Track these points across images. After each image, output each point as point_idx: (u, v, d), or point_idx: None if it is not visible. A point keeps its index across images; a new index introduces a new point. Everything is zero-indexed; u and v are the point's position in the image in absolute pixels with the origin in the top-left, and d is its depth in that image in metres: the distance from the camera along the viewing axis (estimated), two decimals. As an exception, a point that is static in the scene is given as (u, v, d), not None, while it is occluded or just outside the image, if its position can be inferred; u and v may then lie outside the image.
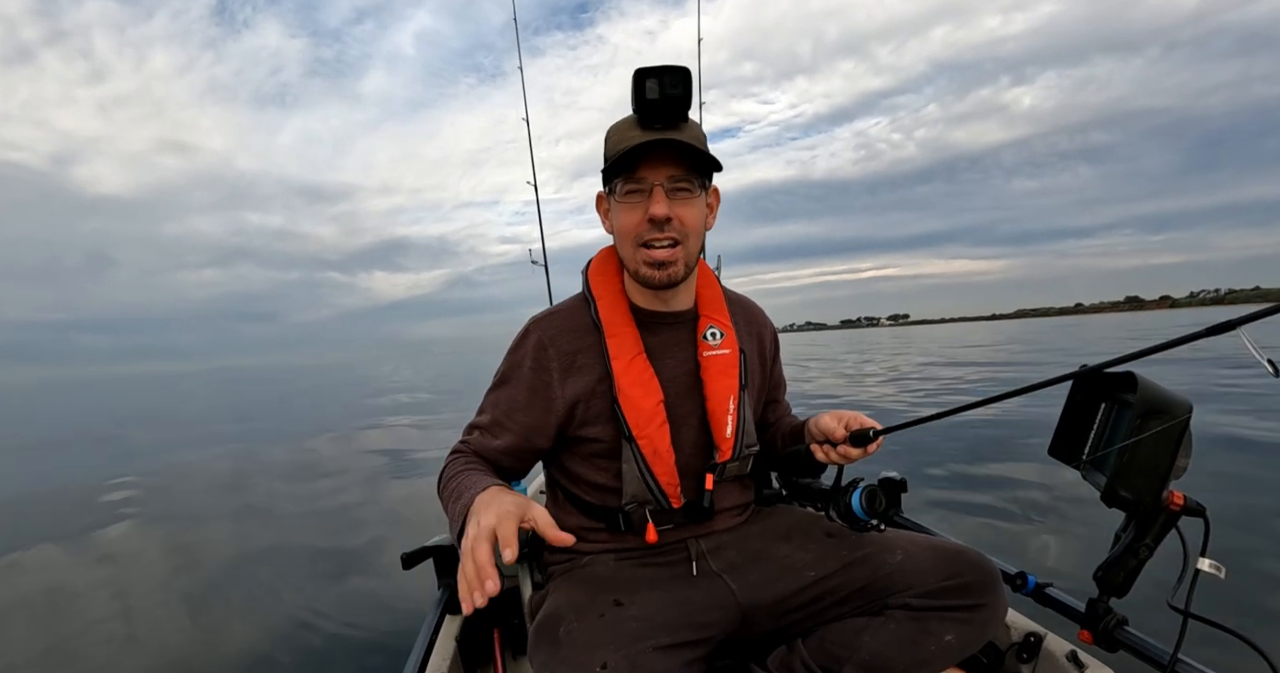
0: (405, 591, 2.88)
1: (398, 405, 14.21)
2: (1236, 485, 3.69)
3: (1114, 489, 0.77)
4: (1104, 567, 0.85)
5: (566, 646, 0.81)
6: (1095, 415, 0.89)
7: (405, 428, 9.73)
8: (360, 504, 4.89)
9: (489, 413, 1.01)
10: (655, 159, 0.90)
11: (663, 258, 0.92)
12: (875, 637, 0.88)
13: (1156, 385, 0.77)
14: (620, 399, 0.95)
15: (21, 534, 4.52)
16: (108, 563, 3.87)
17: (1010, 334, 41.17)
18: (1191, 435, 0.75)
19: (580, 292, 1.05)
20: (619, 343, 0.97)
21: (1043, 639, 1.08)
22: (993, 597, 0.89)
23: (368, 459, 6.88)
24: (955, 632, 0.87)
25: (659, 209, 0.89)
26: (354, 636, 2.55)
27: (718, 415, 1.00)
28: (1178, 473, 0.76)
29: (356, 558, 3.57)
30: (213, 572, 3.52)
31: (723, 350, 1.02)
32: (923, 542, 0.95)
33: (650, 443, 0.95)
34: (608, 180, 0.95)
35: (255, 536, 4.19)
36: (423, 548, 1.31)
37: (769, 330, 1.17)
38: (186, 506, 5.37)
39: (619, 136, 0.92)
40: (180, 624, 2.87)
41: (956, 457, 4.86)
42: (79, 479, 6.86)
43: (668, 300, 1.02)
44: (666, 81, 0.86)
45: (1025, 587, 1.08)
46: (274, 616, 2.82)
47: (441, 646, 1.20)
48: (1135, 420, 0.74)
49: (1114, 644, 0.88)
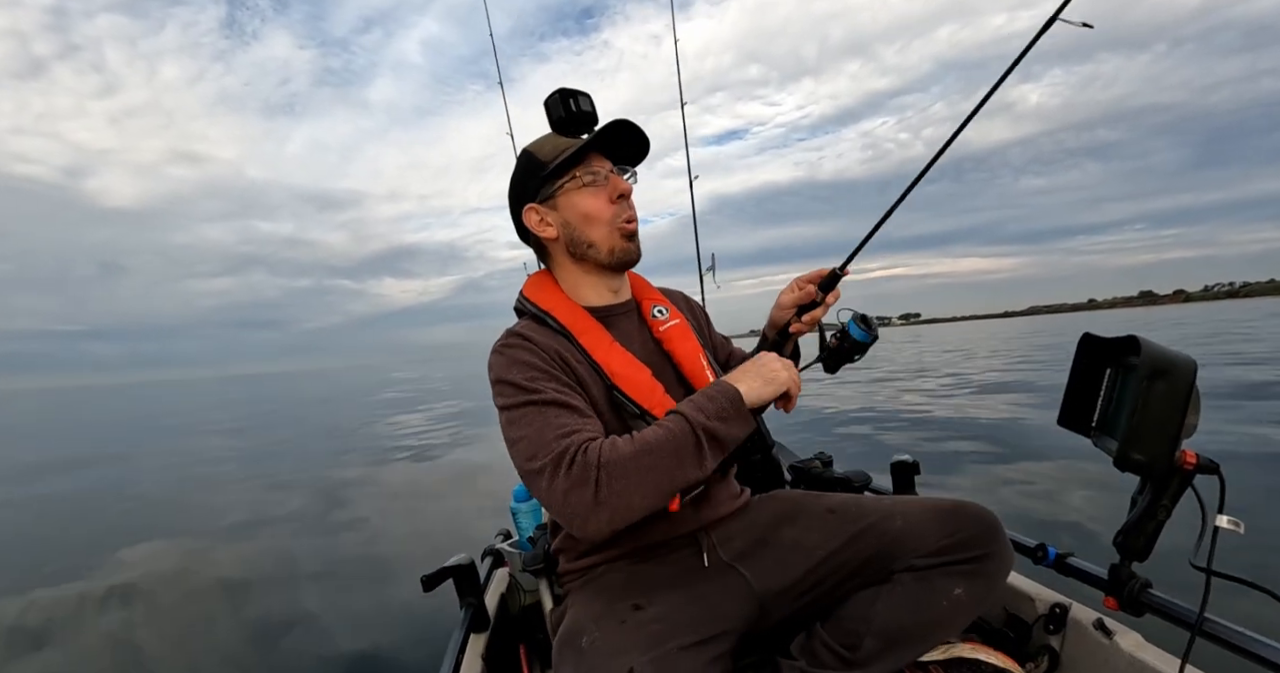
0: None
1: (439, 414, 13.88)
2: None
3: (1126, 453, 0.77)
4: (1123, 532, 0.85)
5: (591, 655, 0.80)
6: (1101, 382, 0.90)
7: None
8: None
9: (554, 401, 0.86)
10: (598, 154, 1.02)
11: (635, 229, 1.03)
12: (887, 604, 0.88)
13: (1159, 346, 0.77)
14: (619, 383, 0.96)
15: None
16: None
17: (1031, 327, 41.05)
18: (1199, 393, 0.75)
19: (522, 321, 1.04)
20: (591, 338, 1.00)
21: (1068, 609, 1.08)
22: (996, 546, 0.89)
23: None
24: (963, 585, 0.87)
25: (625, 185, 1.02)
26: (379, 657, 2.53)
27: (696, 373, 1.05)
28: (1188, 432, 0.76)
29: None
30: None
31: (673, 321, 1.11)
32: (921, 503, 0.96)
33: (663, 410, 0.93)
34: (550, 181, 1.00)
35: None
36: (442, 569, 1.30)
37: (696, 305, 1.29)
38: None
39: (554, 145, 1.01)
40: (198, 637, 2.84)
41: (967, 442, 4.88)
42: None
43: (618, 290, 1.09)
44: (583, 101, 1.02)
45: (1046, 558, 1.08)
46: (309, 636, 2.80)
47: (469, 664, 1.19)
48: (1141, 383, 0.75)
49: (1140, 608, 0.88)
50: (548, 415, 0.85)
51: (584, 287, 1.06)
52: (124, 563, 4.32)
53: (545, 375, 0.90)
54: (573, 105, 1.01)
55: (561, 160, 0.98)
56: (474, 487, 5.85)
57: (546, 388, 0.87)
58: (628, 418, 0.95)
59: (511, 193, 1.06)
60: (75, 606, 3.62)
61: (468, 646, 1.25)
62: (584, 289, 1.06)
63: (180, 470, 8.43)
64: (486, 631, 1.32)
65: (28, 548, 5.04)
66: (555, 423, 0.84)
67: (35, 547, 5.05)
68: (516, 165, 1.06)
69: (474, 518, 4.68)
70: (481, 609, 1.34)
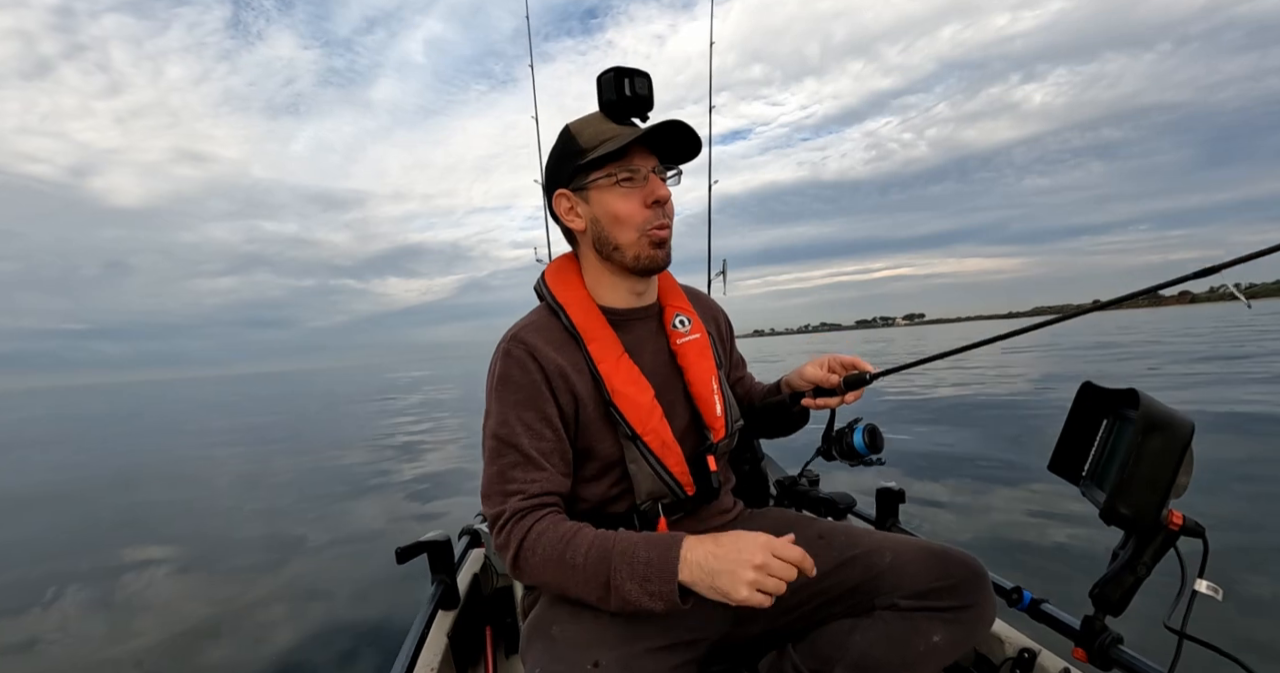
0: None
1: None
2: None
3: (1113, 506, 0.77)
4: (1100, 584, 0.84)
5: (560, 645, 0.81)
6: (1097, 431, 0.89)
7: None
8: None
9: (515, 446, 0.90)
10: (642, 151, 0.94)
11: (666, 237, 0.96)
12: (864, 637, 0.88)
13: (1159, 403, 0.76)
14: (616, 400, 0.94)
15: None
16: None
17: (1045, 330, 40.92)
18: (1193, 454, 0.74)
19: (542, 303, 1.03)
20: (600, 346, 0.96)
21: (1037, 655, 1.07)
22: (981, 597, 0.89)
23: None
24: (943, 632, 0.87)
25: (664, 190, 0.95)
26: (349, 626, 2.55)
27: (704, 397, 1.02)
28: (1178, 491, 0.76)
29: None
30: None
31: (693, 335, 1.06)
32: (912, 543, 0.96)
33: (656, 436, 0.94)
34: (585, 172, 0.94)
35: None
36: (417, 543, 1.31)
37: (722, 315, 1.23)
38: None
39: (595, 130, 0.94)
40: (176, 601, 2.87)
41: (959, 470, 4.85)
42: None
43: (641, 294, 1.03)
44: (639, 83, 0.92)
45: (1021, 602, 1.08)
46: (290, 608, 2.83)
47: (434, 640, 1.20)
48: (1136, 437, 0.74)
49: (1108, 663, 0.88)
50: (505, 461, 0.89)
51: (605, 285, 1.02)
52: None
53: (527, 413, 0.91)
54: (626, 88, 0.92)
55: (600, 154, 0.92)
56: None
57: (519, 435, 0.90)
58: (620, 436, 0.95)
59: (547, 170, 1.02)
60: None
61: (434, 622, 1.26)
62: (605, 288, 1.02)
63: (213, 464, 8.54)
64: (455, 609, 1.33)
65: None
66: (509, 475, 0.89)
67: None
68: (556, 141, 0.99)
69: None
70: (452, 587, 1.35)
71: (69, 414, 24.36)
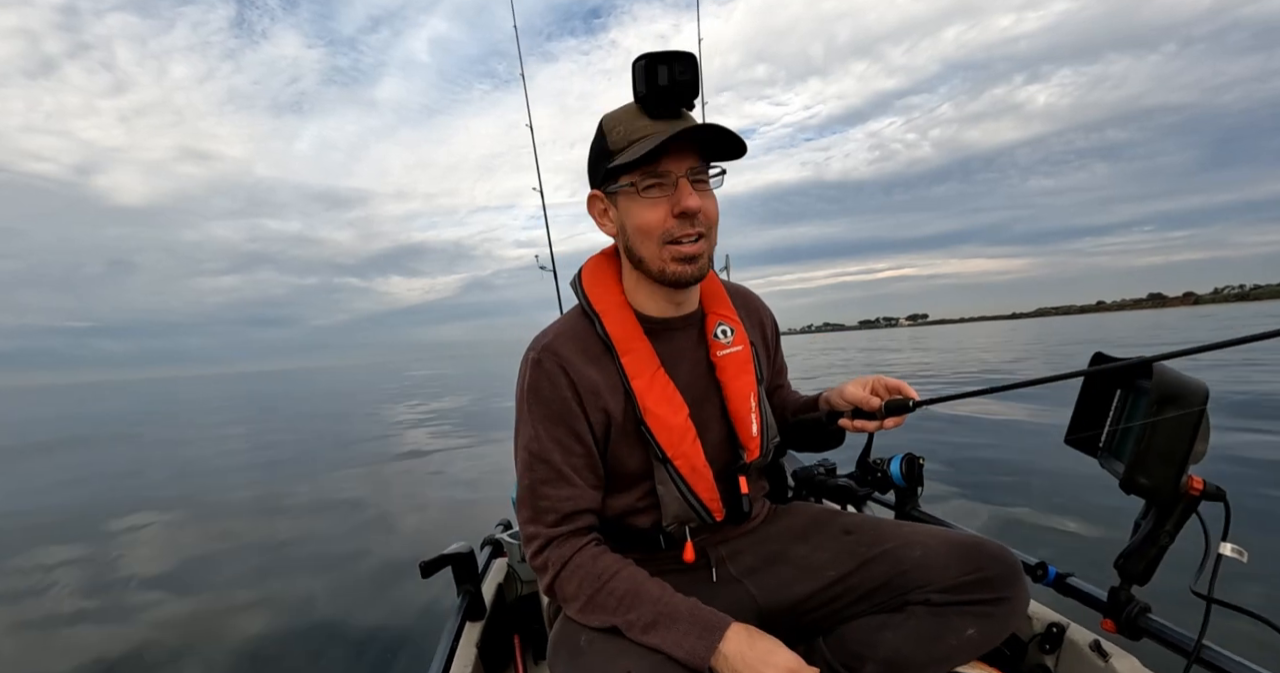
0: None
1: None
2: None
3: (1132, 476, 0.77)
4: (1124, 555, 0.84)
5: (588, 654, 0.80)
6: (1111, 403, 0.89)
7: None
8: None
9: (547, 462, 0.89)
10: (676, 150, 0.84)
11: (692, 252, 0.87)
12: (896, 634, 0.87)
13: (1173, 371, 0.76)
14: (648, 420, 0.90)
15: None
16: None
17: (1049, 330, 40.45)
18: (1209, 420, 0.75)
19: (576, 305, 0.99)
20: (634, 359, 0.92)
21: (1065, 630, 1.07)
22: (1015, 590, 0.88)
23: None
24: (977, 626, 0.85)
25: (693, 201, 0.84)
26: (378, 638, 2.57)
27: (741, 415, 0.97)
28: (1196, 458, 0.76)
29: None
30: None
31: (735, 347, 1.00)
32: (941, 536, 0.93)
33: (687, 461, 0.92)
34: (613, 176, 0.88)
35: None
36: (441, 556, 1.32)
37: (769, 318, 1.15)
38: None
39: (626, 128, 0.85)
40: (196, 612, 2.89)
41: (973, 451, 4.83)
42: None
43: (680, 303, 0.97)
44: (676, 68, 0.81)
45: (1046, 577, 1.08)
46: (302, 617, 2.84)
47: (463, 652, 1.21)
48: (1152, 407, 0.74)
49: (1137, 633, 0.88)
50: (536, 476, 0.89)
51: (643, 293, 0.96)
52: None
53: (557, 428, 0.89)
54: (661, 76, 0.81)
55: (626, 160, 0.84)
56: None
57: (551, 451, 0.89)
58: (650, 456, 0.93)
59: (589, 164, 0.95)
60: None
61: (463, 633, 1.27)
62: (643, 295, 0.96)
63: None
64: (482, 619, 1.34)
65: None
66: (540, 491, 0.88)
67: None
68: (595, 136, 0.91)
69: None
70: (478, 597, 1.36)
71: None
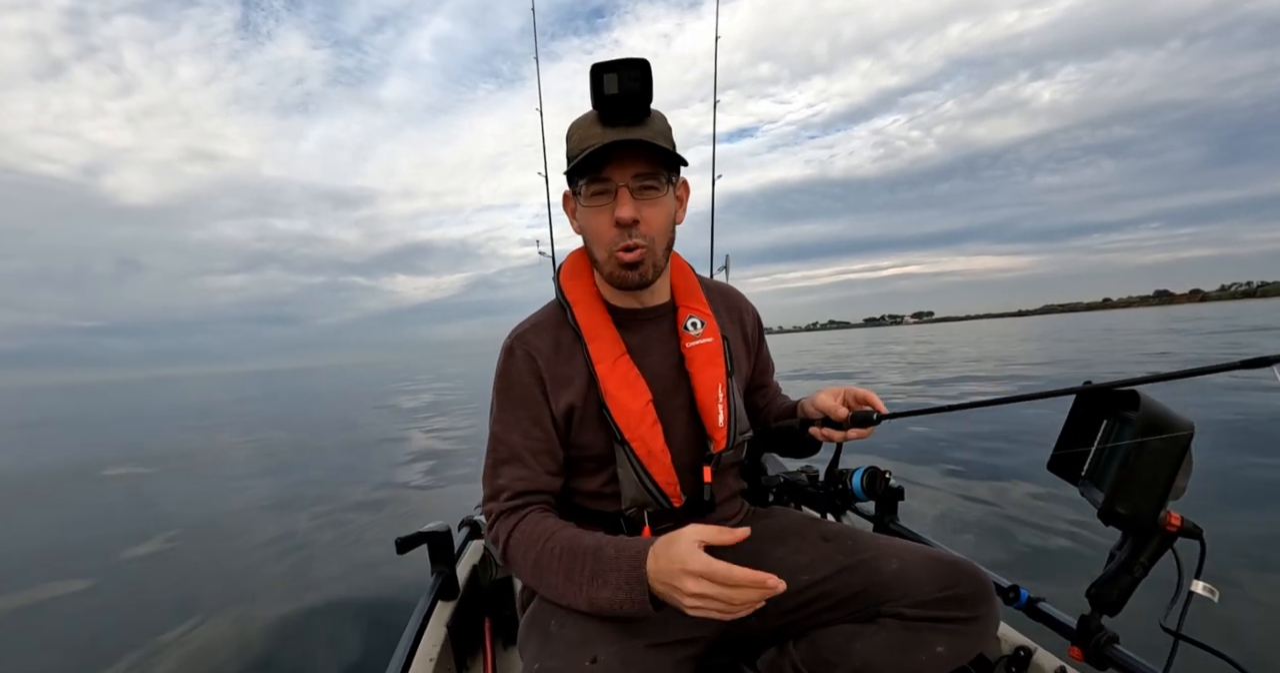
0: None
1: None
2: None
3: (1111, 506, 0.77)
4: (1097, 584, 0.84)
5: (558, 639, 0.81)
6: (1096, 431, 0.89)
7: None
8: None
9: (507, 443, 0.94)
10: (620, 158, 0.87)
11: (632, 260, 0.90)
12: (867, 644, 0.88)
13: (1159, 404, 0.76)
14: (608, 403, 0.93)
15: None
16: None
17: (1054, 327, 40.46)
18: (1192, 456, 0.74)
19: (555, 299, 1.03)
20: (600, 346, 0.96)
21: (1032, 654, 1.07)
22: (986, 609, 0.89)
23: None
24: (947, 643, 0.86)
25: (625, 212, 0.87)
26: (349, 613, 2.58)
27: (708, 406, 0.99)
28: (1176, 494, 0.76)
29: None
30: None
31: (705, 339, 1.02)
32: (919, 551, 0.95)
33: (644, 444, 0.94)
34: (572, 181, 0.92)
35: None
36: (418, 533, 1.32)
37: (750, 314, 1.16)
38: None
39: (581, 135, 0.89)
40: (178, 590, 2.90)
41: (955, 462, 4.84)
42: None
43: (643, 298, 1.01)
44: (625, 76, 0.83)
45: (1018, 600, 1.08)
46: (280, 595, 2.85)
47: (433, 631, 1.21)
48: (1136, 438, 0.74)
49: (1104, 662, 0.88)
50: (497, 456, 0.95)
51: (608, 287, 1.01)
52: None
53: (520, 411, 0.95)
54: (607, 85, 0.83)
55: (574, 166, 0.88)
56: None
57: (512, 432, 0.94)
58: (611, 440, 0.95)
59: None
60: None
61: (434, 612, 1.27)
62: (608, 289, 1.01)
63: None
64: (454, 599, 1.34)
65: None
66: (499, 470, 0.94)
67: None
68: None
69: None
70: (452, 578, 1.36)
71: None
